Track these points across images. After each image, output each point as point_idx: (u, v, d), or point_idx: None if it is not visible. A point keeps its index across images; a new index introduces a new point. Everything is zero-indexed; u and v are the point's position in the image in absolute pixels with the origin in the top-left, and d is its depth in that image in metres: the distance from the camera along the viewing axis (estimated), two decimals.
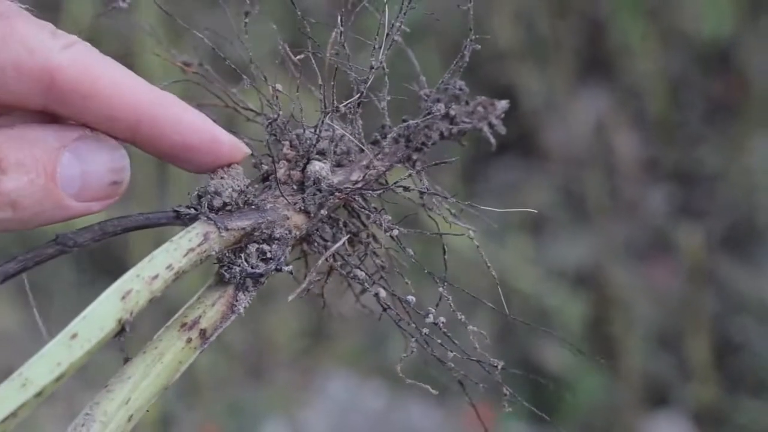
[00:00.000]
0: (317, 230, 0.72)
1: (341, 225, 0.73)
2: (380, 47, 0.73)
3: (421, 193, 0.74)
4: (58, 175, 0.66)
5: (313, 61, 0.72)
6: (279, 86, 0.73)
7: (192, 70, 0.78)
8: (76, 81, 0.66)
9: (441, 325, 0.70)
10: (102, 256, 2.87)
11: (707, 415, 2.45)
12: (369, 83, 0.72)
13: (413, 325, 0.71)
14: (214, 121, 0.70)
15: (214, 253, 0.67)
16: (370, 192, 0.72)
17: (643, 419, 2.51)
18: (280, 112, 0.73)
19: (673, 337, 2.60)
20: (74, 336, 0.61)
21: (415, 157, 0.76)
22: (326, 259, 0.72)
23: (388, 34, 0.73)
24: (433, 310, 0.70)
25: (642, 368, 2.51)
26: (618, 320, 2.50)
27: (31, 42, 0.66)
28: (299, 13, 0.71)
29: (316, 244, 0.73)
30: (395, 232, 0.72)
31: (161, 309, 0.74)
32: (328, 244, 0.73)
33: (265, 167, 0.73)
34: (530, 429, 2.47)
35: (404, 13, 0.73)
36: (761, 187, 2.78)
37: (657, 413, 2.58)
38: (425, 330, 0.71)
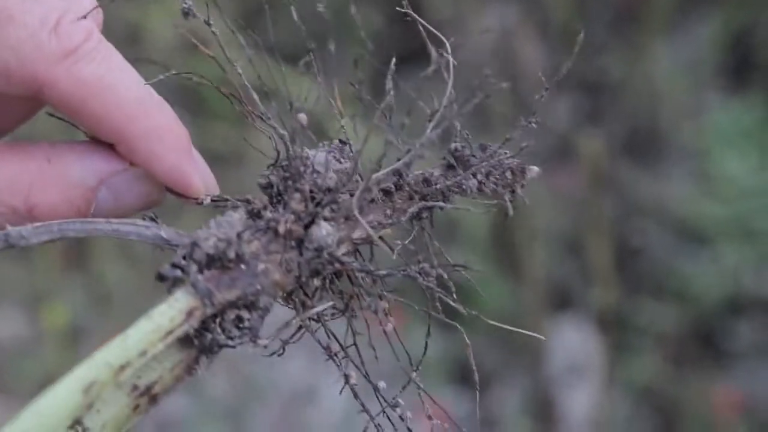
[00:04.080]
0: (301, 288, 0.65)
1: (327, 285, 0.66)
2: (430, 126, 0.69)
3: (418, 262, 0.69)
4: (91, 211, 0.63)
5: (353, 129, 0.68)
6: (303, 118, 0.68)
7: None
8: (64, 97, 0.62)
9: (407, 418, 0.66)
10: None
11: (609, 318, 2.50)
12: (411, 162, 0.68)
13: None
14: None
15: (194, 329, 0.59)
16: (372, 271, 0.65)
17: (547, 323, 2.56)
18: (298, 152, 0.66)
19: (575, 242, 2.65)
20: None
21: (425, 215, 0.70)
22: (302, 319, 0.65)
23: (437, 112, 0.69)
24: (402, 402, 0.66)
25: (545, 273, 2.55)
26: (522, 227, 2.54)
27: (24, 49, 0.60)
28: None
29: (296, 300, 0.65)
30: (384, 305, 0.66)
31: None
32: (309, 303, 0.65)
33: (266, 211, 0.65)
34: (437, 336, 2.51)
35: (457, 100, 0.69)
36: (662, 94, 2.82)
37: (560, 317, 2.63)
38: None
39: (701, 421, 2.43)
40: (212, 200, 0.67)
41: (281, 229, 0.63)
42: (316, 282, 0.64)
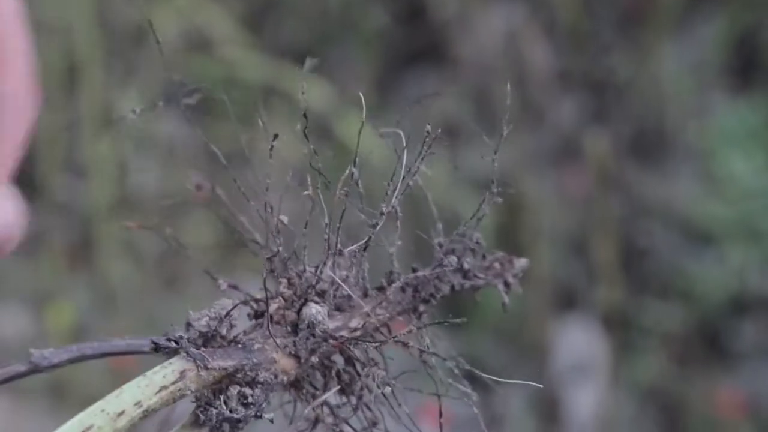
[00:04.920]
0: (307, 376, 0.67)
1: (334, 374, 0.68)
2: (394, 190, 0.68)
3: (421, 351, 0.69)
4: None
5: (321, 199, 0.68)
6: (284, 219, 0.68)
7: (202, 194, 0.73)
8: None
9: None
10: None
11: (614, 318, 2.50)
12: (378, 228, 0.67)
13: None
14: None
15: (190, 392, 0.62)
16: (367, 343, 0.66)
17: (553, 323, 2.56)
18: (281, 247, 0.68)
19: (581, 242, 2.65)
20: None
21: (421, 309, 0.71)
22: (313, 409, 0.67)
23: (404, 177, 0.69)
24: None
25: (551, 273, 2.55)
26: (528, 227, 2.54)
27: None
28: (311, 147, 0.67)
29: (304, 391, 0.67)
30: (388, 390, 0.67)
31: None
32: (317, 392, 0.67)
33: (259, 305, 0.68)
34: (444, 335, 2.51)
35: (423, 158, 0.69)
36: (668, 95, 2.82)
37: (566, 317, 2.63)
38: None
39: (706, 421, 2.43)
40: (228, 285, 0.69)
41: (273, 311, 0.66)
42: (319, 367, 0.66)
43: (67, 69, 2.58)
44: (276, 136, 0.67)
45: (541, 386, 2.20)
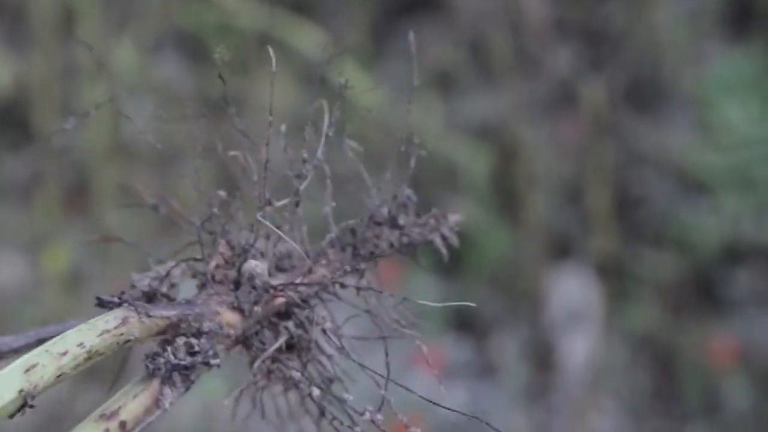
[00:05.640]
0: (256, 333, 0.69)
1: (281, 329, 0.70)
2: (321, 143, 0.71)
3: (359, 288, 0.71)
4: None
5: (248, 157, 0.70)
6: (222, 193, 0.71)
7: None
8: None
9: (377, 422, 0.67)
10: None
11: (608, 266, 2.51)
12: (307, 180, 0.70)
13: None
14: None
15: (133, 338, 0.64)
16: (306, 290, 0.69)
17: (547, 271, 2.57)
18: (215, 210, 0.70)
19: (576, 190, 2.65)
20: None
21: (363, 266, 0.72)
22: (263, 362, 0.69)
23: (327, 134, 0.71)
24: (371, 409, 0.66)
25: (546, 221, 2.56)
26: (522, 175, 2.54)
27: None
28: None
29: (254, 348, 0.69)
30: (328, 325, 0.70)
31: None
32: (266, 347, 0.69)
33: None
34: (438, 284, 2.52)
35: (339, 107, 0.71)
36: (664, 43, 2.82)
37: (560, 265, 2.64)
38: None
39: (699, 369, 2.44)
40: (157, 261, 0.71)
41: (212, 268, 0.68)
42: (257, 309, 0.68)
43: (64, 15, 2.58)
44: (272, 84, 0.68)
45: (534, 334, 2.21)
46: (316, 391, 0.68)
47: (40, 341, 0.65)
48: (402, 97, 0.64)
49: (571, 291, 2.62)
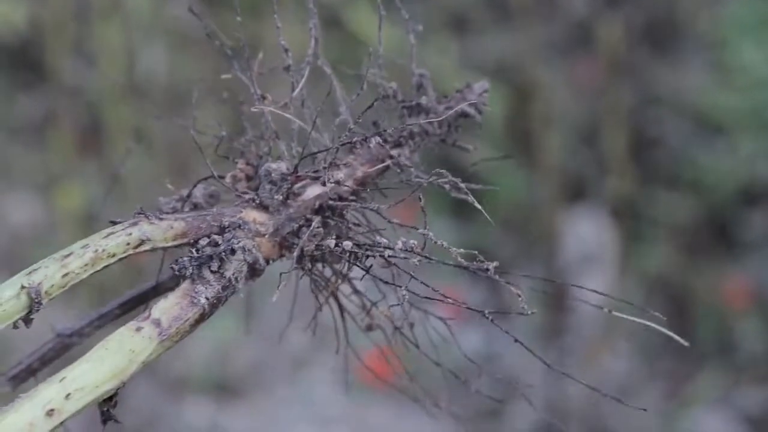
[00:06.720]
0: (291, 233, 0.67)
1: (317, 226, 0.68)
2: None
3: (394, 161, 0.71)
4: None
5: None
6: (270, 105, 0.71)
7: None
8: None
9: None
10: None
11: (624, 207, 2.50)
12: (305, 75, 0.71)
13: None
14: None
15: (147, 239, 0.64)
16: (328, 178, 0.68)
17: (562, 213, 2.57)
18: (224, 133, 0.72)
19: (591, 132, 2.64)
20: None
21: (396, 153, 0.71)
22: (302, 251, 0.67)
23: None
24: (410, 241, 0.67)
25: (561, 163, 2.55)
26: (538, 116, 2.53)
27: None
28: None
29: (294, 248, 0.68)
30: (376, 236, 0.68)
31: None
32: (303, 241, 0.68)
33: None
34: (452, 225, 2.52)
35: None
36: None
37: (575, 206, 2.64)
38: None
39: (713, 310, 2.44)
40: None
41: (234, 176, 0.70)
42: (279, 197, 0.67)
43: None
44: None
45: (549, 275, 2.21)
46: (348, 244, 0.67)
47: (101, 317, 0.70)
48: (418, 38, 0.63)
49: (586, 233, 2.61)
